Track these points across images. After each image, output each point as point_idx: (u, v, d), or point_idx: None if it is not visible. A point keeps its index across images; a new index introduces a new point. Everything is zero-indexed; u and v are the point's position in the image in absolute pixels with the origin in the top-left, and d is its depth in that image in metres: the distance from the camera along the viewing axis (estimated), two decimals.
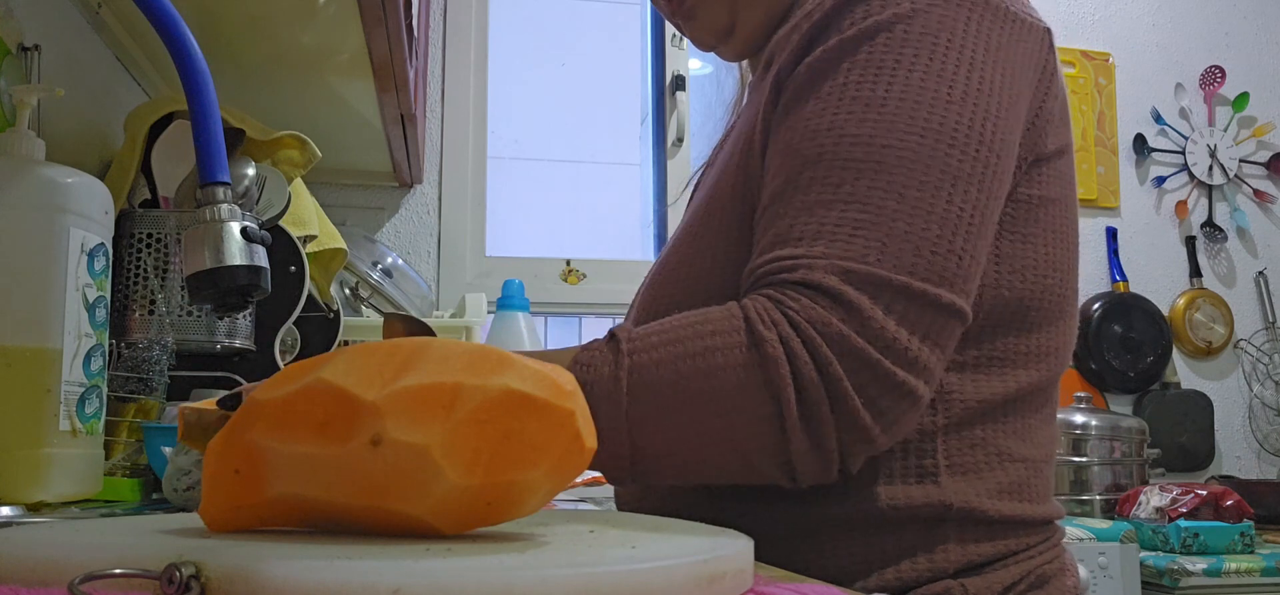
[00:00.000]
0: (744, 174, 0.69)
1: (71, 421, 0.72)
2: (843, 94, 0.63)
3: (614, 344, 0.61)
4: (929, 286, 0.59)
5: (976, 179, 0.62)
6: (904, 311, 0.58)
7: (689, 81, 2.49)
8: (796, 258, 0.60)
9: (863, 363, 0.57)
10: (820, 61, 0.65)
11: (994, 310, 0.67)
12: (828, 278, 0.58)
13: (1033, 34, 0.68)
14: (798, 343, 0.57)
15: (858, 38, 0.64)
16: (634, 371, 0.59)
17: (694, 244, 0.72)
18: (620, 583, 0.33)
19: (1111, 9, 2.75)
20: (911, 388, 0.58)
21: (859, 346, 0.57)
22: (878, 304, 0.58)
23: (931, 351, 0.59)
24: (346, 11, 1.22)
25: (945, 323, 0.60)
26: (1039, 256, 0.69)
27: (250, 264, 0.71)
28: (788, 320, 0.58)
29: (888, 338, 0.57)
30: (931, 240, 0.59)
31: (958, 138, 0.62)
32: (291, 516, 0.40)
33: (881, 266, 0.58)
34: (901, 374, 0.58)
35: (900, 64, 0.63)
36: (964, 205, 0.61)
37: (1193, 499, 1.86)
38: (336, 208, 2.07)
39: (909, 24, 0.64)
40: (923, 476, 0.65)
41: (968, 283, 0.61)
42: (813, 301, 0.58)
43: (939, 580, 0.64)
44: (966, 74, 0.63)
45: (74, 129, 1.11)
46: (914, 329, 0.58)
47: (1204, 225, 2.70)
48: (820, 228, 0.60)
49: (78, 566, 0.33)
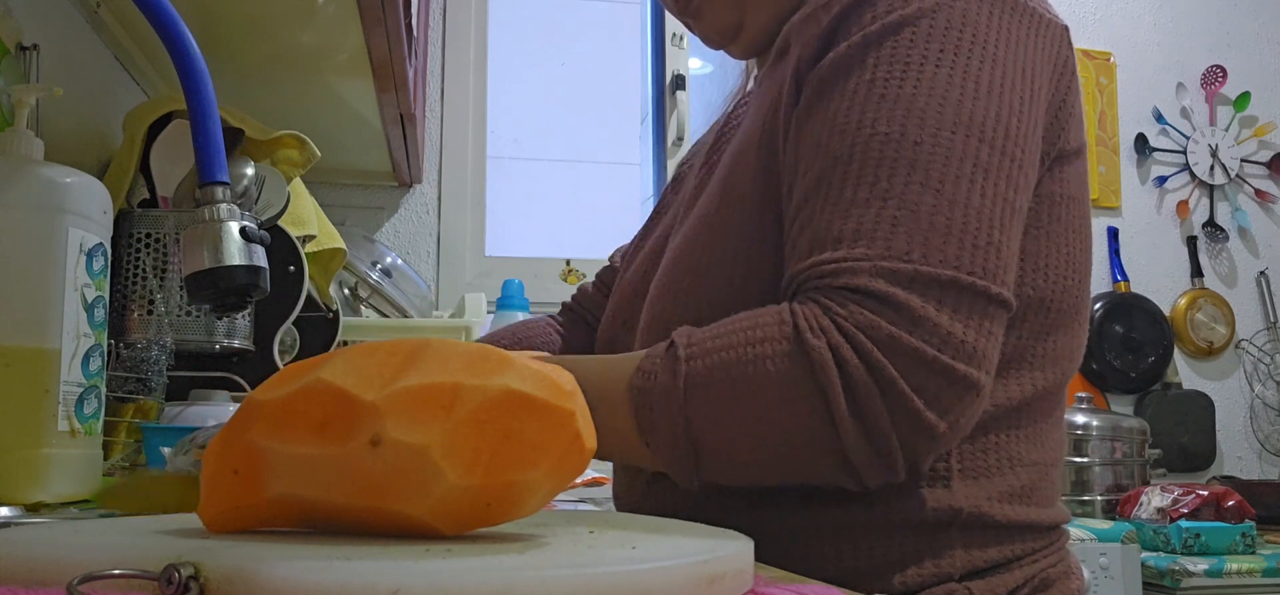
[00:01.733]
0: (765, 167, 0.69)
1: (70, 422, 0.72)
2: (871, 90, 0.63)
3: (672, 350, 0.61)
4: (976, 279, 0.58)
5: (1006, 172, 0.62)
6: (956, 305, 0.58)
7: (689, 81, 2.49)
8: (838, 262, 0.60)
9: (918, 360, 0.56)
10: (845, 57, 0.65)
11: (1017, 309, 0.66)
12: (874, 281, 0.58)
13: (1052, 30, 0.68)
14: (847, 348, 0.57)
15: (882, 32, 0.64)
16: (690, 377, 0.60)
17: (710, 237, 0.71)
18: (620, 583, 0.33)
19: (1112, 8, 2.74)
20: (973, 379, 0.58)
21: (913, 345, 0.56)
22: (928, 301, 0.57)
23: (987, 341, 0.59)
24: (346, 11, 1.22)
25: (995, 313, 0.59)
26: (1061, 255, 0.69)
27: (249, 264, 0.71)
28: (836, 327, 0.58)
29: (943, 332, 0.57)
30: (971, 233, 0.59)
31: (986, 132, 0.61)
32: (291, 517, 0.40)
33: (926, 263, 0.58)
34: (961, 367, 0.57)
35: (927, 59, 0.63)
36: (995, 198, 0.61)
37: (1194, 499, 1.86)
38: (336, 207, 2.07)
39: (934, 18, 0.64)
40: (934, 480, 0.64)
41: (1008, 274, 0.61)
42: (861, 306, 0.58)
43: (943, 583, 0.64)
44: (991, 69, 0.63)
45: (73, 129, 1.11)
46: (968, 321, 0.58)
47: (1205, 225, 2.70)
48: (859, 227, 0.60)
49: (76, 567, 0.33)
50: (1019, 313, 0.67)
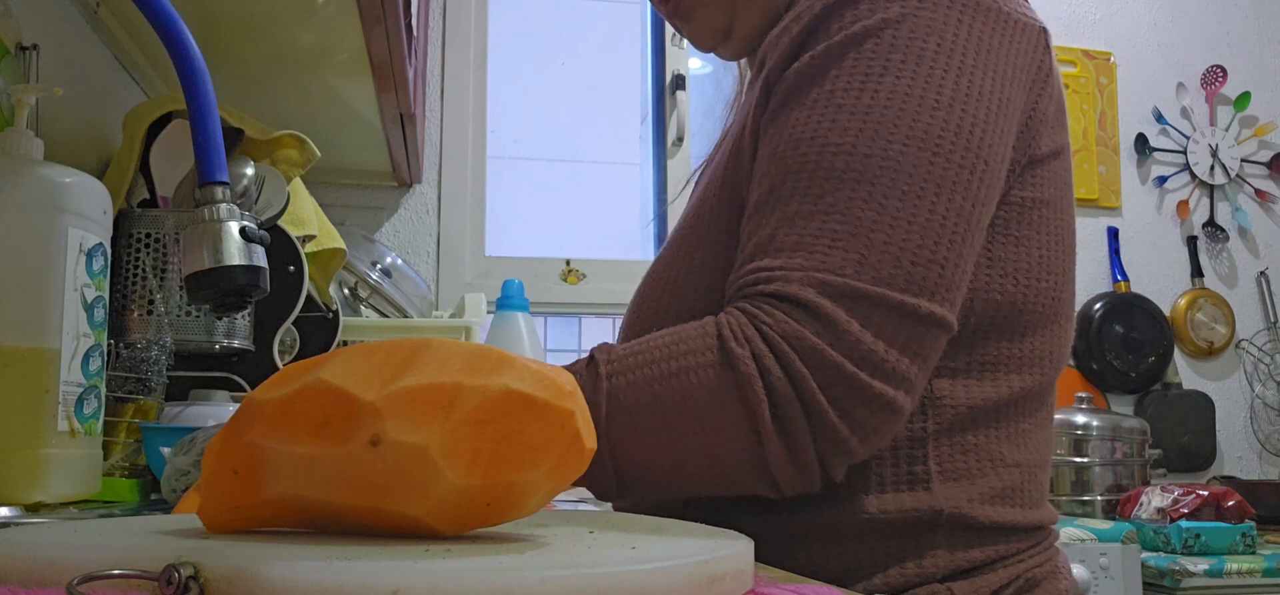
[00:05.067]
0: (732, 179, 0.69)
1: (70, 422, 0.72)
2: (829, 102, 0.63)
3: (593, 367, 0.62)
4: (908, 297, 0.59)
5: (962, 186, 0.61)
6: (882, 323, 0.58)
7: (689, 81, 2.49)
8: (773, 270, 0.60)
9: (837, 375, 0.57)
10: (808, 68, 0.65)
11: (985, 314, 0.66)
12: (804, 290, 0.58)
13: (1027, 34, 0.67)
14: (770, 358, 0.58)
15: (845, 44, 0.64)
16: (612, 395, 0.60)
17: (683, 247, 0.72)
18: (620, 583, 0.33)
19: (1112, 8, 2.74)
20: (889, 399, 0.58)
21: (834, 359, 0.57)
22: (854, 316, 0.58)
23: (911, 362, 0.59)
24: (345, 11, 1.22)
25: (925, 332, 0.60)
26: (1032, 259, 0.68)
27: (249, 264, 0.71)
28: (761, 335, 0.58)
29: (864, 349, 0.58)
30: (912, 251, 0.59)
31: (943, 145, 0.61)
32: (290, 517, 0.40)
33: (859, 278, 0.58)
34: (878, 385, 0.58)
35: (887, 71, 0.62)
36: (947, 213, 0.61)
37: (1194, 499, 1.86)
38: (335, 207, 2.07)
39: (898, 29, 0.63)
40: (914, 483, 0.65)
41: (951, 291, 0.61)
42: (787, 314, 0.58)
43: (927, 584, 0.64)
44: (955, 79, 0.63)
45: (72, 129, 1.11)
46: (892, 340, 0.58)
47: (1205, 225, 2.70)
48: (800, 239, 0.60)
49: (76, 567, 0.33)
50: (990, 318, 0.67)
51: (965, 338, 0.66)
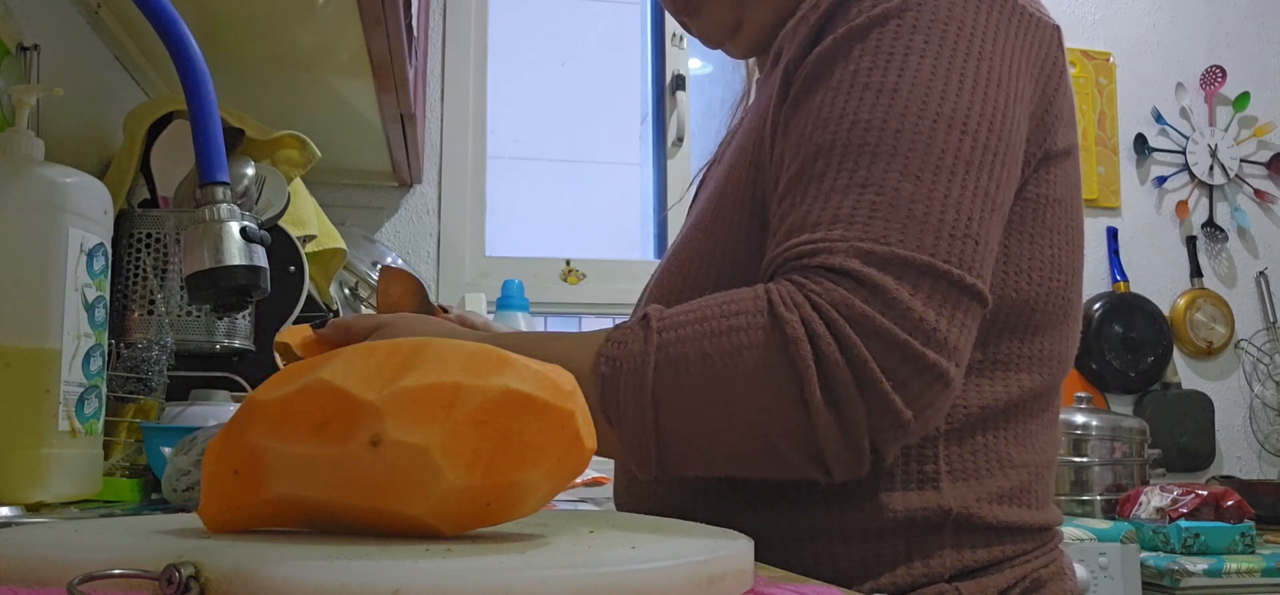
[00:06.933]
0: (755, 169, 0.69)
1: (71, 422, 0.72)
2: (854, 81, 0.63)
3: (645, 323, 0.61)
4: (952, 268, 0.58)
5: (988, 167, 0.61)
6: (931, 291, 0.57)
7: (689, 81, 2.49)
8: (816, 242, 0.59)
9: (891, 343, 0.56)
10: (830, 50, 0.65)
11: (1000, 312, 0.66)
12: (849, 261, 0.57)
13: (1041, 30, 0.68)
14: (820, 323, 0.56)
15: (867, 25, 0.64)
16: (661, 349, 0.59)
17: (704, 238, 0.71)
18: (620, 583, 0.33)
19: (1112, 9, 2.74)
20: (943, 369, 0.57)
21: (885, 326, 0.55)
22: (903, 284, 0.56)
23: (960, 333, 0.58)
24: (346, 11, 1.22)
25: (970, 305, 0.59)
26: (1046, 258, 0.68)
27: (249, 264, 0.71)
28: (810, 303, 0.57)
29: (915, 318, 0.56)
30: (949, 223, 0.59)
31: (969, 125, 0.61)
32: (291, 517, 0.40)
33: (903, 247, 0.57)
34: (932, 355, 0.56)
35: (911, 51, 0.63)
36: (976, 192, 0.60)
37: (1193, 499, 1.86)
38: (336, 207, 2.07)
39: (919, 11, 0.64)
40: (923, 483, 0.64)
41: (985, 268, 0.60)
42: (835, 284, 0.57)
43: (933, 584, 0.64)
44: (976, 63, 0.63)
45: (73, 129, 1.11)
46: (941, 309, 0.57)
47: (1205, 225, 2.70)
48: (837, 212, 0.60)
49: (77, 567, 0.33)
50: (1003, 316, 0.67)
51: (979, 336, 0.65)
